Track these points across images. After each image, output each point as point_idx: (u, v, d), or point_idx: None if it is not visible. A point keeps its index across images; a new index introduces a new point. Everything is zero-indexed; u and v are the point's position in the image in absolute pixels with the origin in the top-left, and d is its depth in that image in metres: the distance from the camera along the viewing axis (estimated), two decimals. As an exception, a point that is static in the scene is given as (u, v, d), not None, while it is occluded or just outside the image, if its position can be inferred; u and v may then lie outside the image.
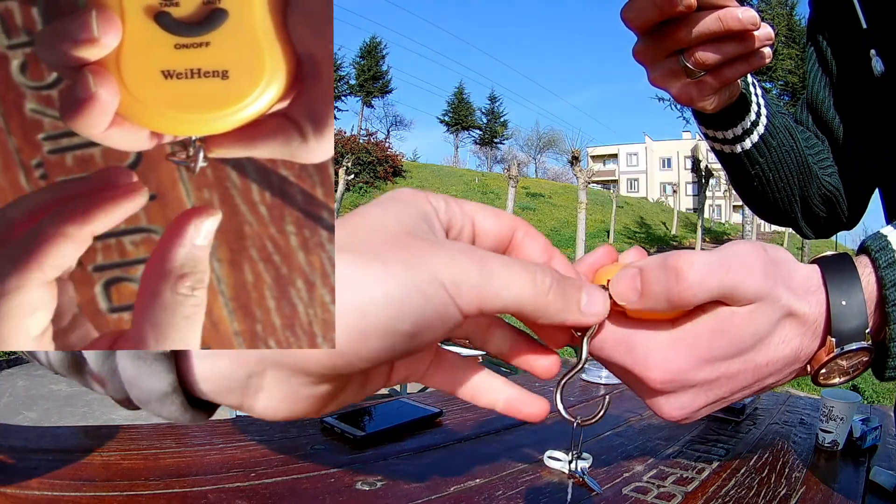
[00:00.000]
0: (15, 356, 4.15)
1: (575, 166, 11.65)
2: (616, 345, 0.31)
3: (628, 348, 0.30)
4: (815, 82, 0.74)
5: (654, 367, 0.30)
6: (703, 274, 0.28)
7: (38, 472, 0.58)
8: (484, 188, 22.27)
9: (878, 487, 0.73)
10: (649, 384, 0.31)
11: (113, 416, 3.15)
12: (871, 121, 0.69)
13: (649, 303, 0.29)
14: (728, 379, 0.31)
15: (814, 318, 0.31)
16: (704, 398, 0.31)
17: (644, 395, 0.33)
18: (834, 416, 0.85)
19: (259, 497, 0.57)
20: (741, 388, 0.32)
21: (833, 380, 0.33)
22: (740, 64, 0.52)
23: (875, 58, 0.62)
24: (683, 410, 0.32)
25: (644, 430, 0.91)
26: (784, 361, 0.31)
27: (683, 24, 0.48)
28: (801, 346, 0.31)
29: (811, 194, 0.72)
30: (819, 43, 0.73)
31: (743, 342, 0.30)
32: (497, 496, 0.62)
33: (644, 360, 0.30)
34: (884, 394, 4.81)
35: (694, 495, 0.66)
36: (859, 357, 0.31)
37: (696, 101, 0.56)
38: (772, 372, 0.31)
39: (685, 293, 0.28)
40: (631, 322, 0.31)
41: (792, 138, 0.67)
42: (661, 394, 0.31)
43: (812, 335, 0.31)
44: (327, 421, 0.81)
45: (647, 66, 0.54)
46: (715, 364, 0.30)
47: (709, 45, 0.49)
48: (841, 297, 0.31)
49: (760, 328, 0.30)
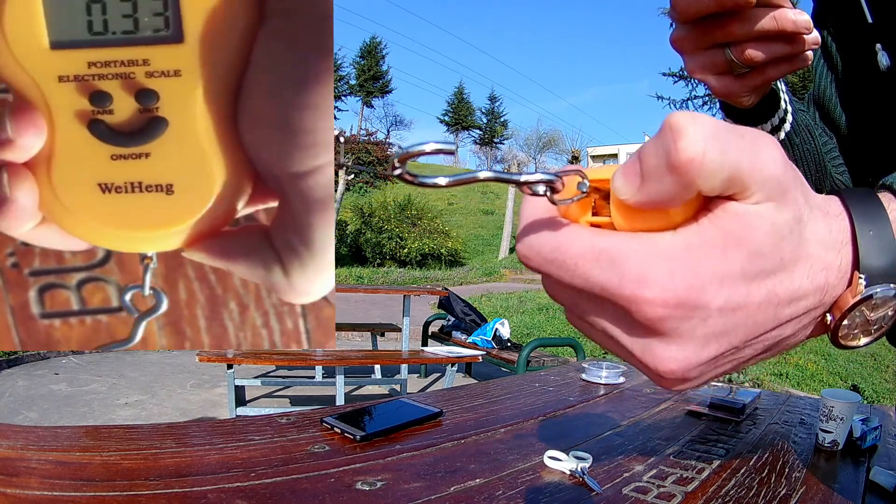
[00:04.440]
0: (15, 356, 4.15)
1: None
2: (595, 259, 0.22)
3: (613, 262, 0.22)
4: (821, 78, 0.74)
5: (654, 284, 0.21)
6: (707, 133, 0.21)
7: (38, 472, 0.58)
8: (484, 188, 22.25)
9: (878, 487, 0.73)
10: (646, 310, 0.22)
11: (113, 416, 3.15)
12: (877, 116, 0.69)
13: (650, 186, 0.21)
14: (747, 315, 0.23)
15: (838, 248, 0.25)
16: (716, 345, 0.23)
17: (631, 340, 0.24)
18: (834, 416, 0.85)
19: (259, 497, 0.57)
20: (758, 336, 0.24)
21: (855, 339, 0.27)
22: (784, 64, 0.52)
23: (881, 52, 0.62)
24: (687, 361, 0.23)
25: (644, 430, 0.91)
26: (808, 301, 0.25)
27: (736, 18, 0.48)
28: (826, 284, 0.25)
29: (823, 192, 0.72)
30: (824, 38, 0.73)
31: (763, 257, 0.23)
32: (497, 496, 0.62)
33: (638, 275, 0.22)
34: (884, 394, 4.81)
35: (694, 495, 0.66)
36: (886, 307, 0.26)
37: (735, 95, 0.55)
38: (793, 315, 0.25)
39: (688, 152, 0.20)
40: (615, 233, 0.23)
41: (812, 136, 0.67)
42: (659, 332, 0.23)
43: (838, 271, 0.25)
44: (327, 421, 0.81)
45: (687, 55, 0.53)
46: (733, 285, 0.22)
47: (759, 43, 0.49)
48: (868, 226, 0.25)
49: (783, 244, 0.23)
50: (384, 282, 10.73)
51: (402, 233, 13.74)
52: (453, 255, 14.22)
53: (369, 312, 7.25)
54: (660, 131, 0.22)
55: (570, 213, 0.24)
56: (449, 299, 4.56)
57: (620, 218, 0.23)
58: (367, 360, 3.12)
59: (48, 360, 4.35)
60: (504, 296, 8.87)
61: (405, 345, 3.79)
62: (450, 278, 11.62)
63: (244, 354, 2.61)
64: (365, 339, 5.63)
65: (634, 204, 0.22)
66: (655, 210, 0.22)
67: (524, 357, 3.37)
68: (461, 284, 10.96)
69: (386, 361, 3.27)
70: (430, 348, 3.63)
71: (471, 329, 4.33)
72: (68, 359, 4.40)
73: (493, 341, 4.02)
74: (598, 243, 0.23)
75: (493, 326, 4.10)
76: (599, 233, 0.23)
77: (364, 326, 4.50)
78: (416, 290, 4.06)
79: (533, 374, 1.35)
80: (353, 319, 6.16)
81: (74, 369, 4.11)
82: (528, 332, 6.24)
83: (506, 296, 8.86)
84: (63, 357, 4.43)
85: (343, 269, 11.53)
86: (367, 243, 13.54)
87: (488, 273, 12.28)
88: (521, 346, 3.83)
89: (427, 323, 4.78)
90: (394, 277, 11.22)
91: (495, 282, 11.63)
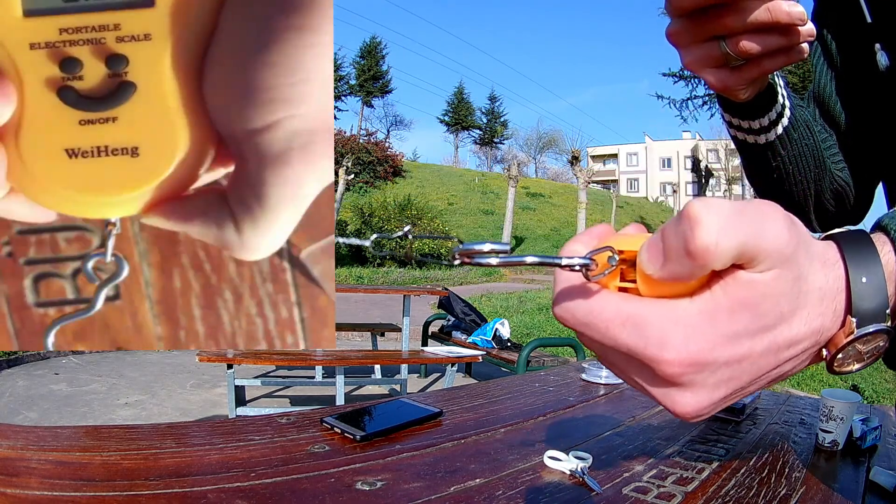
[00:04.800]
0: (15, 356, 4.15)
1: (575, 166, 11.65)
2: (622, 323, 0.26)
3: (637, 327, 0.26)
4: (820, 75, 0.73)
5: (672, 348, 0.25)
6: (720, 220, 0.24)
7: (38, 472, 0.58)
8: (484, 188, 22.26)
9: (878, 487, 0.73)
10: (665, 368, 0.26)
11: (113, 416, 3.15)
12: (876, 114, 0.69)
13: (671, 266, 0.25)
14: (751, 363, 0.27)
15: (833, 295, 0.28)
16: (725, 388, 0.27)
17: (653, 388, 0.28)
18: (834, 416, 0.85)
19: (259, 497, 0.57)
20: (761, 375, 0.28)
21: (848, 367, 0.30)
22: (780, 56, 0.52)
23: (880, 52, 0.62)
24: (700, 405, 0.27)
25: (644, 430, 0.91)
26: (804, 344, 0.28)
27: (730, 10, 0.48)
28: (822, 327, 0.28)
29: (824, 188, 0.72)
30: (824, 37, 0.73)
31: (765, 315, 0.26)
32: (497, 496, 0.62)
33: (659, 339, 0.26)
34: (884, 394, 4.81)
35: (694, 495, 0.66)
36: (876, 341, 0.29)
37: (731, 88, 0.55)
38: (791, 356, 0.28)
39: (703, 240, 0.24)
40: (639, 299, 0.27)
41: (811, 132, 0.66)
42: (677, 384, 0.27)
43: (833, 315, 0.28)
44: (327, 421, 0.81)
45: (682, 48, 0.53)
46: (738, 342, 0.26)
47: (753, 35, 0.49)
48: (861, 273, 0.28)
49: (782, 301, 0.26)
50: (384, 282, 10.73)
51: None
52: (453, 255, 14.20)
53: (369, 312, 7.25)
54: (679, 216, 0.25)
55: (600, 277, 0.28)
56: (449, 299, 4.56)
57: (645, 285, 0.27)
58: (367, 360, 3.12)
59: (48, 360, 4.35)
60: (504, 296, 8.87)
61: (405, 345, 3.79)
62: (450, 278, 11.61)
63: (244, 354, 2.61)
64: (365, 339, 5.63)
65: (658, 279, 0.26)
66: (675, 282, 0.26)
67: (524, 357, 3.37)
68: (461, 284, 10.96)
69: (386, 361, 3.27)
70: (430, 348, 3.63)
71: (471, 329, 4.33)
72: (68, 359, 4.39)
73: (493, 341, 4.02)
74: (625, 309, 0.26)
75: (493, 326, 4.10)
76: (626, 298, 0.27)
77: (364, 326, 4.50)
78: (416, 290, 4.06)
79: (533, 374, 1.35)
80: (353, 319, 6.16)
81: (74, 369, 4.11)
82: (528, 332, 6.24)
83: (506, 296, 8.87)
84: (63, 357, 4.43)
85: (343, 269, 11.52)
86: (367, 243, 13.52)
87: (488, 273, 12.26)
88: (521, 346, 3.83)
89: (427, 323, 4.78)
90: (394, 277, 11.22)
91: (495, 282, 11.63)
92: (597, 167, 38.11)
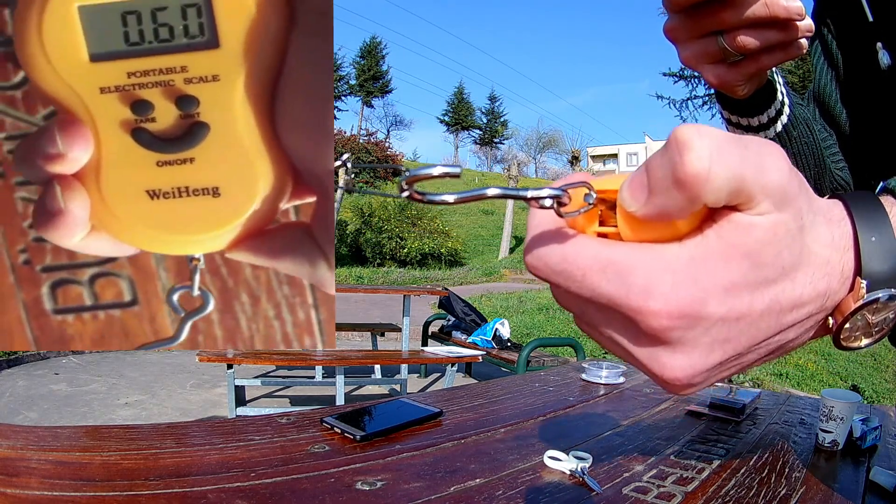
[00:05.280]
0: (15, 356, 4.14)
1: (575, 166, 11.65)
2: (602, 270, 0.23)
3: (619, 273, 0.22)
4: (821, 75, 0.73)
5: (658, 296, 0.22)
6: (712, 147, 0.21)
7: (38, 472, 0.58)
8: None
9: (878, 487, 0.73)
10: (651, 321, 0.22)
11: (113, 416, 3.15)
12: (877, 114, 0.69)
13: (657, 199, 0.22)
14: (749, 323, 0.24)
15: (840, 255, 0.25)
16: (721, 352, 0.24)
17: (638, 349, 0.24)
18: (834, 416, 0.85)
19: (259, 497, 0.57)
20: (761, 342, 0.25)
21: (857, 341, 0.27)
22: (778, 52, 0.51)
23: (881, 51, 0.62)
24: (693, 369, 0.24)
25: (644, 430, 0.91)
26: (810, 307, 0.25)
27: (727, 5, 0.48)
28: (828, 289, 0.25)
29: (823, 188, 0.72)
30: (824, 36, 0.73)
31: (765, 266, 0.23)
32: (497, 496, 0.62)
33: (644, 286, 0.22)
34: (884, 394, 4.81)
35: (694, 495, 0.66)
36: (887, 311, 0.26)
37: (729, 84, 0.55)
38: (795, 321, 0.25)
39: (693, 165, 0.21)
40: (621, 244, 0.23)
41: (810, 131, 0.66)
42: (664, 342, 0.23)
43: (840, 276, 0.25)
44: (327, 421, 0.81)
45: (680, 44, 0.53)
46: (736, 294, 0.23)
47: (751, 30, 0.49)
48: (871, 232, 0.25)
49: (784, 252, 0.23)
50: (384, 282, 10.73)
51: (402, 233, 13.74)
52: (453, 255, 14.22)
53: (369, 312, 7.25)
54: (666, 144, 0.22)
55: (576, 224, 0.24)
56: (449, 299, 4.56)
57: (627, 228, 0.23)
58: (367, 360, 3.12)
59: (48, 360, 4.35)
60: (504, 296, 8.87)
61: (405, 345, 3.79)
62: (450, 278, 11.61)
63: (244, 354, 2.61)
64: (365, 339, 5.63)
65: (641, 217, 0.23)
66: (662, 221, 0.23)
67: (524, 357, 3.37)
68: (461, 284, 10.96)
69: (386, 361, 3.27)
70: (430, 348, 3.63)
71: (471, 329, 4.33)
72: (68, 359, 4.40)
73: (493, 341, 4.02)
74: (604, 254, 0.23)
75: (493, 326, 4.10)
76: (606, 243, 0.23)
77: (364, 326, 4.50)
78: (416, 290, 4.06)
79: (533, 374, 1.35)
80: (353, 319, 6.16)
81: (74, 369, 4.11)
82: (528, 332, 6.24)
83: (506, 296, 8.86)
84: (63, 357, 4.43)
85: (343, 269, 11.53)
86: (367, 243, 13.54)
87: (488, 273, 12.27)
88: (521, 346, 3.83)
89: (427, 323, 4.78)
90: (394, 277, 11.22)
91: (495, 282, 11.63)
92: (597, 167, 38.13)
